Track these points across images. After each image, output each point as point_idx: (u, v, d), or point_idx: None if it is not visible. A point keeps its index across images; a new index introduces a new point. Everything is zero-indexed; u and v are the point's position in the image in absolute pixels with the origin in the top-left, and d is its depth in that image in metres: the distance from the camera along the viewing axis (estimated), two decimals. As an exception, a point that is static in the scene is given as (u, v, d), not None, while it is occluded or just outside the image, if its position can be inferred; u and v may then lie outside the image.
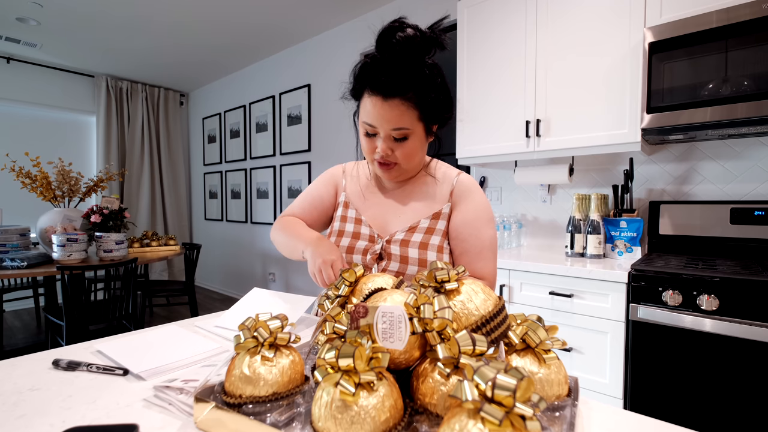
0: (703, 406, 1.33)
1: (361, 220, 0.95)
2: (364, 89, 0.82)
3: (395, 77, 0.77)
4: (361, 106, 0.84)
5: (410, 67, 0.77)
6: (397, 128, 0.80)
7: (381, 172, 0.89)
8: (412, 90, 0.78)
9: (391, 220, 0.94)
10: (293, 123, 3.85)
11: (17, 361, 0.72)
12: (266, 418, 0.47)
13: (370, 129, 0.83)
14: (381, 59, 0.79)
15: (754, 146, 1.72)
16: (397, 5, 2.93)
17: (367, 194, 0.99)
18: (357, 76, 0.83)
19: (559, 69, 1.91)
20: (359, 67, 0.83)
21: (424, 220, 0.91)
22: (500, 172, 2.51)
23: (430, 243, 0.88)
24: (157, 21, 3.26)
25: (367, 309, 0.49)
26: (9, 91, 4.05)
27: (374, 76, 0.79)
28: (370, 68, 0.80)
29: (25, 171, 2.57)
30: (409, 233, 0.89)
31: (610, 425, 0.52)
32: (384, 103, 0.78)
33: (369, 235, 0.92)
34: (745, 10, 1.39)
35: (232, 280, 4.81)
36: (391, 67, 0.77)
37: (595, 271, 1.56)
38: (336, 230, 0.97)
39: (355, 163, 1.07)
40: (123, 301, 2.44)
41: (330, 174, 1.05)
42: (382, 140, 0.83)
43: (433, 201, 0.93)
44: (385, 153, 0.84)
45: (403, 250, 0.87)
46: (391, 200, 0.96)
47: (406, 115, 0.79)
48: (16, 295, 4.23)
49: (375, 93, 0.79)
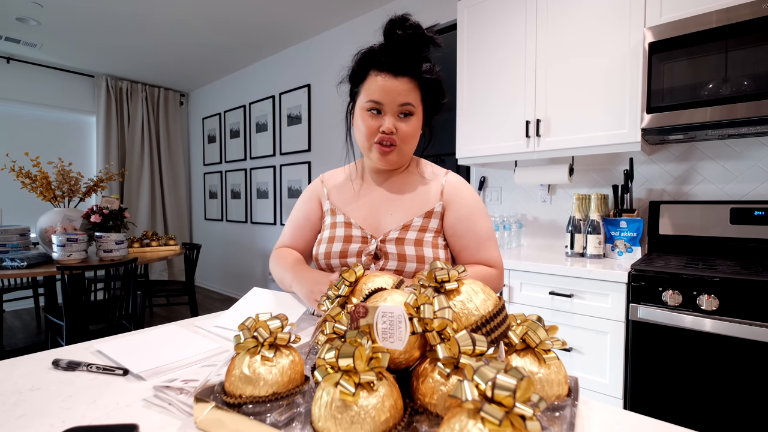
0: (703, 406, 1.33)
1: (351, 223, 0.95)
2: (369, 70, 0.86)
3: (405, 57, 0.83)
4: (363, 88, 0.87)
5: (417, 52, 0.84)
6: (405, 103, 0.85)
7: (379, 156, 0.90)
8: (417, 71, 0.85)
9: (382, 220, 0.94)
10: (293, 123, 3.85)
11: (17, 361, 0.72)
12: (266, 418, 0.47)
13: (376, 105, 0.86)
14: (389, 44, 0.84)
15: (754, 146, 1.72)
16: (397, 5, 2.93)
17: (353, 197, 0.99)
18: (361, 60, 0.87)
19: (559, 69, 1.91)
20: (364, 52, 0.87)
21: (417, 218, 0.92)
22: (500, 172, 2.51)
23: (425, 240, 0.90)
24: (157, 19, 3.26)
25: (367, 309, 0.49)
26: (9, 91, 4.05)
27: (383, 57, 0.84)
28: (377, 52, 0.85)
29: (25, 171, 2.57)
30: (403, 231, 0.91)
31: (610, 425, 0.52)
32: (394, 80, 0.84)
33: (361, 236, 0.92)
34: (745, 10, 1.39)
35: (232, 280, 4.81)
36: (401, 49, 0.83)
37: (595, 271, 1.56)
38: (326, 238, 0.96)
39: (333, 172, 1.07)
40: (123, 301, 2.44)
41: (309, 190, 1.05)
42: (389, 117, 0.86)
43: (423, 199, 0.95)
44: (390, 129, 0.86)
45: (399, 248, 0.88)
46: (381, 200, 0.96)
47: (412, 93, 0.85)
48: (16, 295, 4.23)
49: (384, 71, 0.84)
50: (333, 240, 0.94)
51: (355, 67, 0.88)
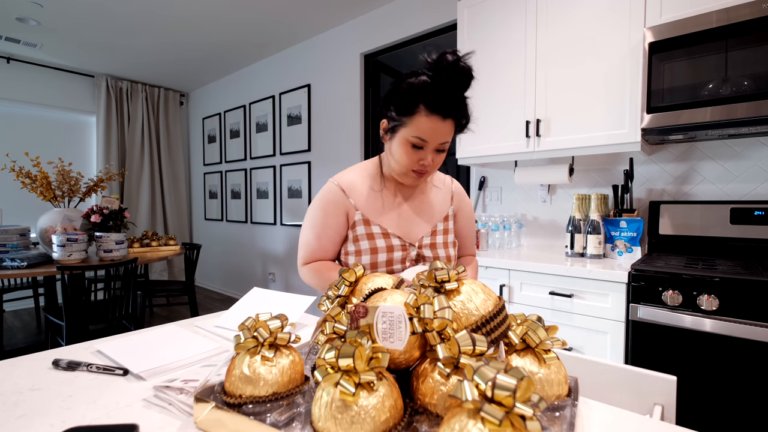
0: (702, 406, 1.33)
1: (388, 234, 1.01)
2: (419, 104, 0.88)
3: (455, 101, 0.89)
4: (411, 121, 0.91)
5: (463, 94, 0.91)
6: (444, 142, 0.93)
7: (413, 178, 0.98)
8: (460, 113, 0.92)
9: (412, 228, 1.04)
10: (293, 123, 3.85)
11: (17, 361, 0.72)
12: (266, 418, 0.47)
13: (420, 143, 0.91)
14: (442, 83, 0.87)
15: (754, 146, 1.72)
16: (397, 5, 2.93)
17: (381, 207, 1.04)
18: (414, 92, 0.88)
19: (559, 69, 1.91)
20: (417, 86, 0.88)
21: (439, 223, 1.07)
22: (500, 172, 2.51)
23: (449, 241, 1.06)
24: (157, 16, 3.25)
25: (367, 309, 0.49)
26: (9, 91, 4.05)
27: (436, 97, 0.87)
28: (430, 89, 0.87)
29: (25, 171, 2.57)
30: (432, 236, 1.04)
31: (610, 425, 0.52)
32: (442, 122, 0.89)
33: (400, 245, 1.01)
34: (745, 10, 1.39)
35: (232, 280, 4.81)
36: (453, 92, 0.88)
37: (595, 271, 1.56)
38: (367, 249, 0.99)
39: (350, 181, 1.05)
40: (123, 301, 2.44)
41: (332, 203, 1.02)
42: (429, 152, 0.94)
43: (440, 206, 1.09)
44: (430, 164, 0.95)
45: (434, 252, 1.03)
46: (407, 209, 1.06)
47: (451, 132, 0.93)
48: (16, 295, 4.23)
49: (435, 112, 0.88)
50: (377, 251, 1.00)
51: (405, 96, 0.90)
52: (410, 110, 0.90)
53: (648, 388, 0.73)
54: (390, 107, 0.93)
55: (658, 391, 0.71)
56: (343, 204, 1.02)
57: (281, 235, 4.05)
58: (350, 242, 1.01)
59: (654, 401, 0.72)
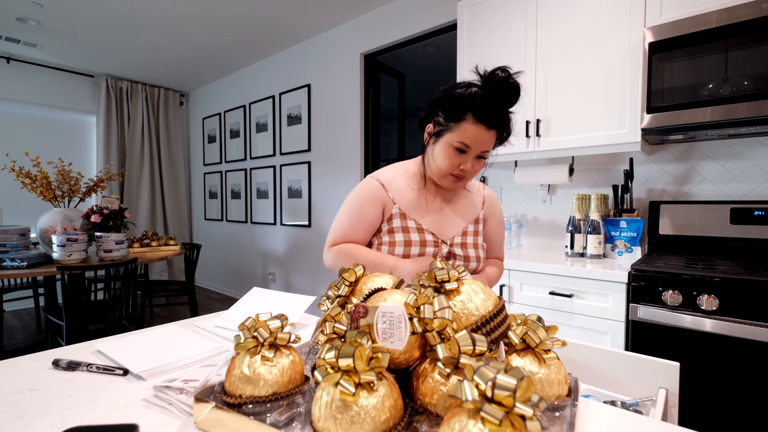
0: (702, 406, 1.33)
1: (422, 229, 1.05)
2: (467, 113, 0.94)
3: (501, 113, 0.94)
4: (458, 128, 0.96)
5: (509, 109, 0.96)
6: (486, 150, 0.98)
7: (451, 182, 1.03)
8: (504, 125, 0.97)
9: (446, 226, 1.09)
10: (293, 123, 3.85)
11: (17, 361, 0.72)
12: (266, 418, 0.47)
13: (464, 148, 0.96)
14: (491, 95, 0.92)
15: (754, 146, 1.72)
16: (397, 5, 2.93)
17: (418, 204, 1.09)
18: (464, 101, 0.94)
19: (558, 69, 1.91)
20: (467, 96, 0.93)
21: (470, 225, 1.12)
22: (500, 172, 2.51)
23: (478, 243, 1.12)
24: (158, 15, 3.25)
25: (367, 309, 0.49)
26: (9, 91, 4.05)
27: (484, 108, 0.92)
28: (480, 99, 0.93)
29: (25, 171, 2.57)
30: (463, 236, 1.09)
31: (610, 425, 0.52)
32: (486, 132, 0.95)
33: (433, 241, 1.05)
34: (745, 10, 1.39)
35: (232, 280, 4.81)
36: (500, 104, 0.93)
37: (595, 271, 1.56)
38: (401, 241, 1.04)
39: (389, 177, 1.11)
40: (123, 301, 2.44)
41: (372, 194, 1.07)
42: (470, 159, 0.99)
43: (471, 209, 1.15)
44: (469, 170, 1.00)
45: (464, 251, 1.07)
46: (445, 208, 1.12)
47: (492, 142, 0.98)
48: (16, 295, 4.23)
49: (481, 121, 0.93)
50: (410, 244, 1.04)
51: (455, 104, 0.95)
52: (458, 117, 0.95)
53: (652, 373, 0.78)
54: (438, 113, 0.99)
55: (663, 376, 0.76)
56: (381, 197, 1.07)
57: (281, 235, 4.06)
58: (385, 234, 1.05)
59: (659, 385, 0.76)
